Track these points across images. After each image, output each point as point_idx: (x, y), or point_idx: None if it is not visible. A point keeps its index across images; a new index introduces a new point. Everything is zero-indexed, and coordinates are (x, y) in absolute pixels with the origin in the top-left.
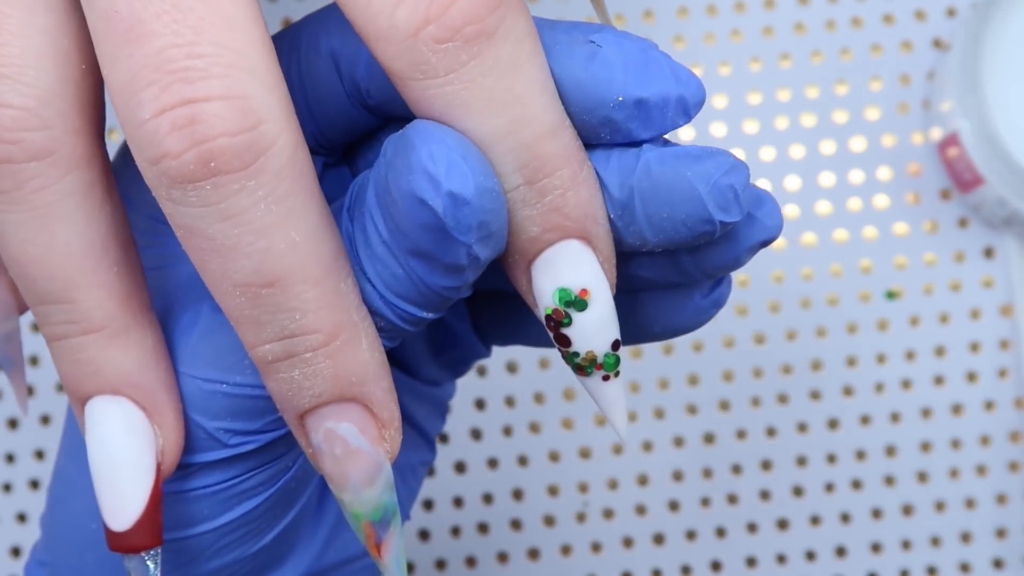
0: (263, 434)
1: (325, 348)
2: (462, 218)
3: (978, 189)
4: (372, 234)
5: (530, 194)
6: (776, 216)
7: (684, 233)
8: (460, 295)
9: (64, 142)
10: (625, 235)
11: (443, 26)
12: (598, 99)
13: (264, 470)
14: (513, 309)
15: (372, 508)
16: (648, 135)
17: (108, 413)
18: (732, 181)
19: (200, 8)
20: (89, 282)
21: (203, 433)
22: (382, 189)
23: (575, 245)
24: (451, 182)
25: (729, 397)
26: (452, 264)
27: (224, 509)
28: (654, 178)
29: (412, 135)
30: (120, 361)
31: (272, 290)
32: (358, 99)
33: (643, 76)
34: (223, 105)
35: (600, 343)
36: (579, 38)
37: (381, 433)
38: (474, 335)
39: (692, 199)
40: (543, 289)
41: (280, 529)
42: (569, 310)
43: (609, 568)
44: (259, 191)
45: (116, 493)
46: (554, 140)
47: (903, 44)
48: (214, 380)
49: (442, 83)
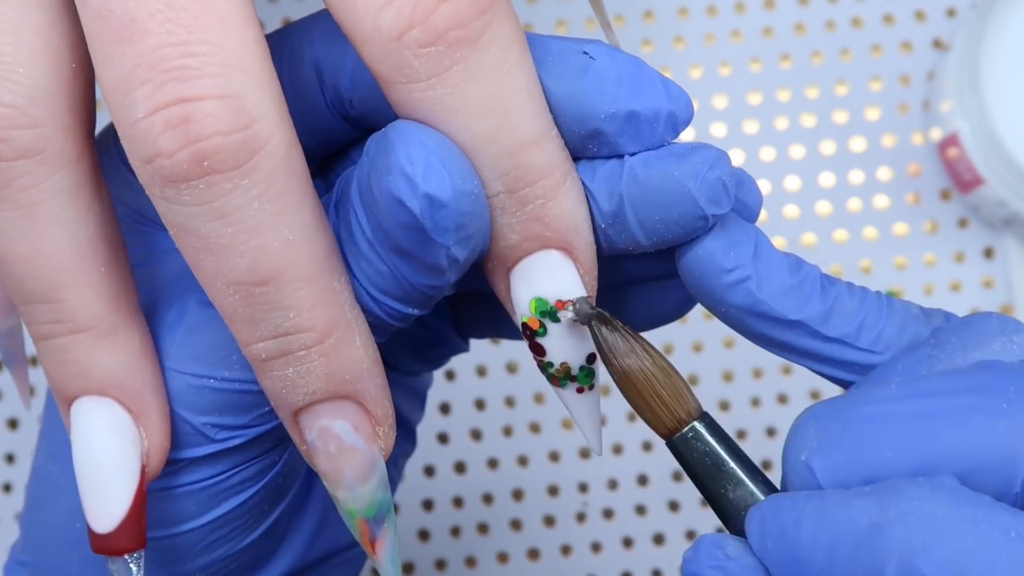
0: (250, 428)
1: (319, 346)
2: (439, 220)
3: (978, 189)
4: (356, 231)
5: (510, 202)
6: (755, 194)
7: (677, 232)
8: (443, 293)
9: (53, 140)
10: (617, 241)
11: (427, 30)
12: (589, 111)
13: (251, 465)
14: (493, 308)
15: (366, 505)
16: (635, 149)
17: (94, 414)
18: (719, 173)
19: (194, 8)
20: (76, 282)
21: (190, 428)
22: (364, 188)
23: (555, 255)
24: (428, 184)
25: (729, 397)
26: (433, 264)
27: (211, 505)
28: (642, 183)
29: (392, 135)
30: (106, 362)
31: (266, 288)
32: (339, 109)
33: (636, 89)
34: (217, 104)
35: (575, 356)
36: (572, 50)
37: (375, 430)
38: (453, 332)
39: (683, 198)
40: (520, 297)
41: (268, 524)
42: (544, 320)
43: (609, 568)
44: (252, 190)
45: (100, 495)
46: (538, 149)
47: (903, 44)
48: (202, 375)
49: (424, 87)
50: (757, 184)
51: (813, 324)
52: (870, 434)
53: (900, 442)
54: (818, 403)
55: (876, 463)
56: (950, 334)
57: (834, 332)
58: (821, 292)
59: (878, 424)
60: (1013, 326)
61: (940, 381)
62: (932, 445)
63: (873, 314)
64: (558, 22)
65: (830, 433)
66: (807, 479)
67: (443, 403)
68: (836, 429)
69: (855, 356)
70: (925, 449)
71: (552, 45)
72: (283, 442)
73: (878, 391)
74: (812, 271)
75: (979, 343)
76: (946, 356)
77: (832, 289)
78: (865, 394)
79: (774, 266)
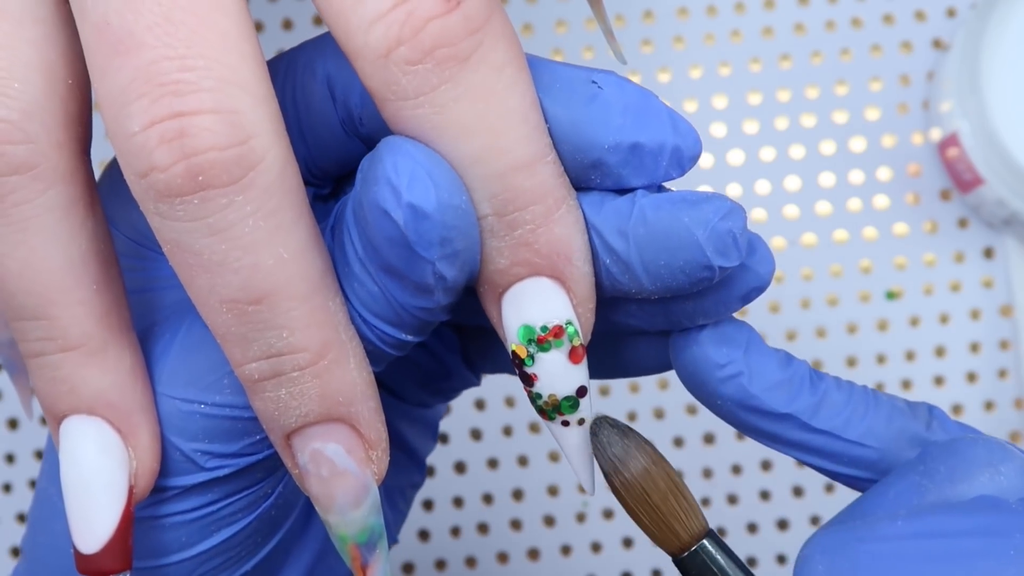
0: (241, 457)
1: (312, 367)
2: (423, 232)
3: (978, 189)
4: (349, 251)
5: (499, 225)
6: (768, 263)
7: (682, 280)
8: (436, 317)
9: (47, 156)
10: (621, 282)
11: (415, 48)
12: (593, 140)
13: (243, 496)
14: (496, 342)
15: (358, 530)
16: (639, 183)
17: (82, 433)
18: (730, 225)
19: (192, 22)
20: (67, 299)
21: (180, 456)
22: (356, 204)
23: (545, 283)
24: (412, 194)
25: None
26: (420, 283)
27: (203, 536)
28: (650, 225)
29: (382, 148)
30: (96, 381)
31: (259, 307)
32: (351, 127)
33: (641, 121)
34: (213, 119)
35: (563, 387)
36: (581, 78)
37: (368, 454)
38: (464, 366)
39: (690, 245)
40: (510, 324)
41: (261, 557)
42: (531, 348)
43: (609, 568)
44: (247, 206)
45: (86, 514)
46: (528, 173)
47: (903, 44)
48: (192, 400)
49: (413, 105)
50: (771, 252)
51: (802, 417)
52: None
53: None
54: (823, 531)
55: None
56: (938, 463)
57: (823, 425)
58: (810, 386)
59: (887, 563)
60: (999, 455)
61: (947, 520)
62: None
63: (860, 408)
64: (558, 22)
65: (839, 571)
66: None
67: None
68: (846, 568)
69: (843, 448)
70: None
71: (560, 72)
72: (276, 472)
73: (884, 527)
74: (801, 366)
75: (967, 474)
76: (935, 487)
77: (821, 384)
78: (871, 529)
79: (765, 361)
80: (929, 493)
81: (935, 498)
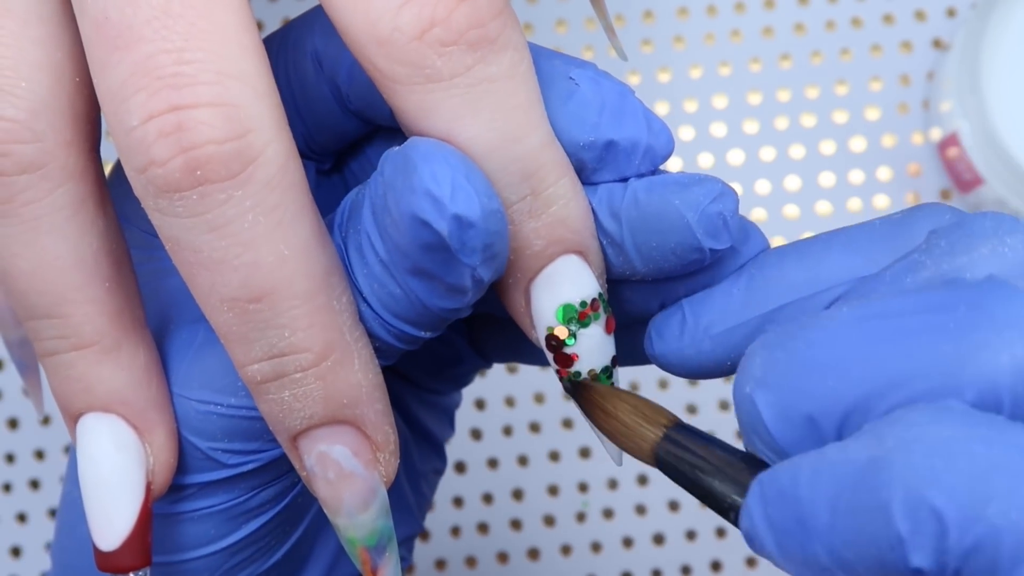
0: (262, 453)
1: (315, 368)
2: (467, 240)
3: (978, 189)
4: (368, 253)
5: (536, 204)
6: (760, 246)
7: (673, 262)
8: (461, 315)
9: (56, 155)
10: (615, 264)
11: (449, 28)
12: (568, 138)
13: (269, 487)
14: (507, 331)
15: (367, 533)
16: (610, 179)
17: (98, 430)
18: (721, 208)
19: (191, 15)
20: (80, 297)
21: (200, 454)
22: (380, 208)
23: (574, 260)
24: (456, 205)
25: (729, 397)
26: (455, 285)
27: (231, 528)
28: (642, 207)
29: (412, 154)
30: (111, 378)
31: (259, 306)
32: (340, 103)
33: (616, 120)
34: (211, 112)
35: (601, 359)
36: (560, 74)
37: (375, 456)
38: (473, 352)
39: (680, 227)
40: (543, 308)
41: (290, 545)
42: (571, 327)
43: (609, 568)
44: (246, 201)
45: (104, 511)
46: (554, 148)
47: (903, 44)
48: (208, 402)
49: (447, 86)
50: (763, 235)
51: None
52: (813, 362)
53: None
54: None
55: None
56: (940, 237)
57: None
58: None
59: (822, 350)
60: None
61: (894, 302)
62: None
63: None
64: (558, 22)
65: (774, 362)
66: (752, 415)
67: None
68: (781, 358)
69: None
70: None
71: (539, 65)
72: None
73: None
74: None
75: (967, 247)
76: (932, 262)
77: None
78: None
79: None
80: (925, 269)
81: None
